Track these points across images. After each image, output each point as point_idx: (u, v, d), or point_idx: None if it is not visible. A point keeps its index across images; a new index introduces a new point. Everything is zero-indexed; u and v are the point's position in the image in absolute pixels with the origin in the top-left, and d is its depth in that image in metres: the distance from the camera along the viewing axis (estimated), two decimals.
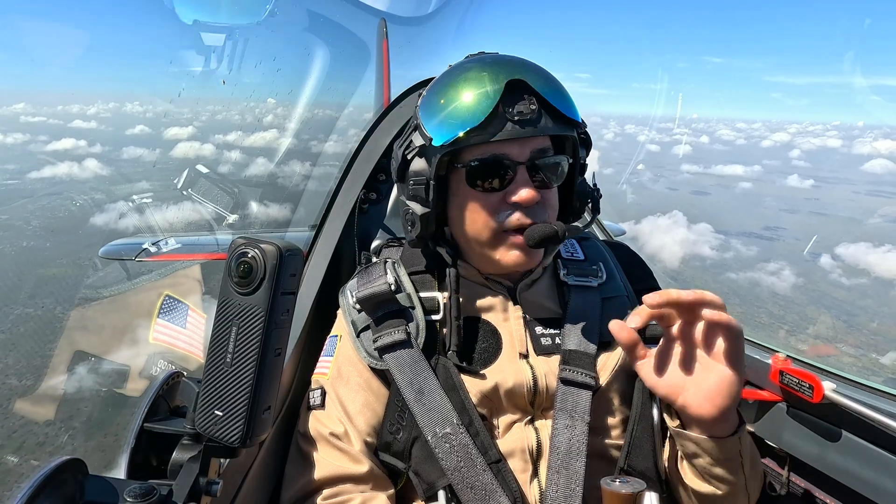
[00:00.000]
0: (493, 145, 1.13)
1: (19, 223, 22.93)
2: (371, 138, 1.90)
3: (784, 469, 1.39)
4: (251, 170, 9.27)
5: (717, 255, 40.42)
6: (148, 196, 4.96)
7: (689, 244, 41.13)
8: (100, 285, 4.87)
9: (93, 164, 46.76)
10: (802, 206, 75.44)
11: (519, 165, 1.14)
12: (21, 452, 8.27)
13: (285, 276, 0.82)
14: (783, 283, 33.44)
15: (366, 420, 1.22)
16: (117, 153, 45.86)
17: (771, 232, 52.75)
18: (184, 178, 3.82)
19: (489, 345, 1.23)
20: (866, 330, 27.22)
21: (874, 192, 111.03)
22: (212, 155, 12.21)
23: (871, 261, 40.07)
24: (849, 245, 41.96)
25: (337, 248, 1.70)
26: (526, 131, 1.11)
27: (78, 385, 6.60)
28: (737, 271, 36.78)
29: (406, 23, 3.31)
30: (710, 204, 69.76)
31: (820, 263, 39.49)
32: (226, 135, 17.07)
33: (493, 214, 1.17)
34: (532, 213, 1.15)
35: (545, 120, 1.12)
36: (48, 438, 8.38)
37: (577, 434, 1.13)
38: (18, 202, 29.34)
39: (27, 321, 13.43)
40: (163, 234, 3.34)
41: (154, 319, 1.64)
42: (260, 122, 11.91)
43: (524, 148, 1.15)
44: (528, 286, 1.29)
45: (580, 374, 1.17)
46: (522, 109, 1.11)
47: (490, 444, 1.14)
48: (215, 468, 0.94)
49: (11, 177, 44.81)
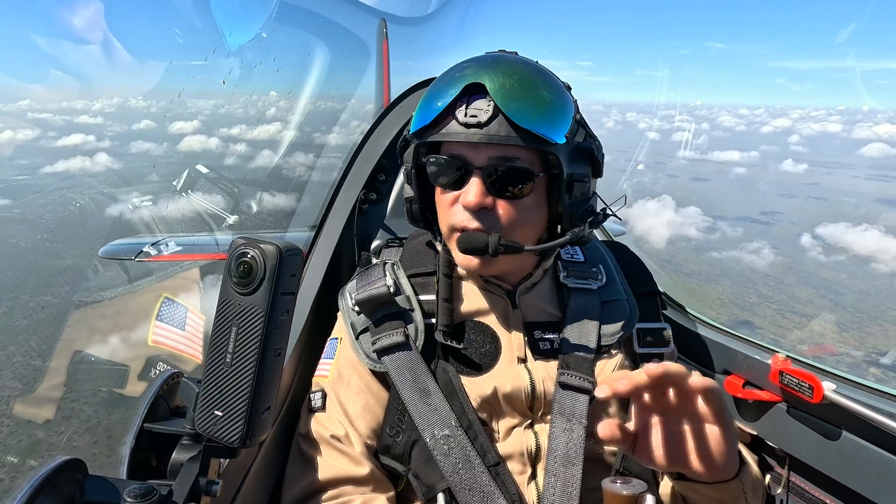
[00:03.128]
0: (454, 146, 1.15)
1: (33, 217, 23.27)
2: (371, 138, 1.90)
3: (784, 469, 1.39)
4: (256, 162, 9.36)
5: (702, 237, 41.04)
6: (148, 199, 4.99)
7: (675, 226, 41.80)
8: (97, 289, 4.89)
9: (103, 159, 47.15)
10: (800, 191, 75.69)
11: (475, 169, 1.14)
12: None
13: (285, 276, 0.82)
14: (762, 261, 34.29)
15: (366, 423, 1.22)
16: (126, 147, 46.25)
17: (767, 217, 53.03)
18: (183, 179, 3.83)
19: (488, 349, 1.22)
20: (852, 308, 27.75)
21: (873, 177, 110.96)
22: (217, 148, 12.29)
23: (850, 239, 41.12)
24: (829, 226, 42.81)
25: (337, 248, 1.70)
26: (470, 133, 1.10)
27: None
28: (720, 251, 37.47)
29: (406, 23, 3.31)
30: (702, 188, 70.03)
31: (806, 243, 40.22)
32: (230, 128, 17.33)
33: (448, 210, 1.19)
34: (479, 218, 1.14)
35: (500, 127, 1.09)
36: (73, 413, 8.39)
37: (575, 438, 1.13)
38: (31, 196, 29.65)
39: (46, 308, 13.58)
40: (163, 234, 3.34)
41: (153, 321, 1.64)
42: (263, 114, 11.97)
43: (480, 153, 1.13)
44: (527, 289, 1.29)
45: (578, 378, 1.17)
46: (475, 113, 1.10)
47: (489, 447, 1.14)
48: (215, 468, 0.94)
49: (25, 172, 45.11)
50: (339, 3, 3.47)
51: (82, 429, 8.45)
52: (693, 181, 76.32)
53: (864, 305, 29.75)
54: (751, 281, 31.26)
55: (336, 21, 3.51)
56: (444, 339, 1.19)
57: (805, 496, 1.35)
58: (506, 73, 1.13)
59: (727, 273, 31.98)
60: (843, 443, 1.23)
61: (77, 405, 8.95)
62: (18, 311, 11.05)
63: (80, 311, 6.46)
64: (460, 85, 1.11)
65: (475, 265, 1.18)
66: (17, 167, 48.73)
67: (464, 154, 1.14)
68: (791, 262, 35.96)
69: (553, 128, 1.12)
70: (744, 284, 30.74)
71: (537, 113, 1.11)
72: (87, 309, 5.85)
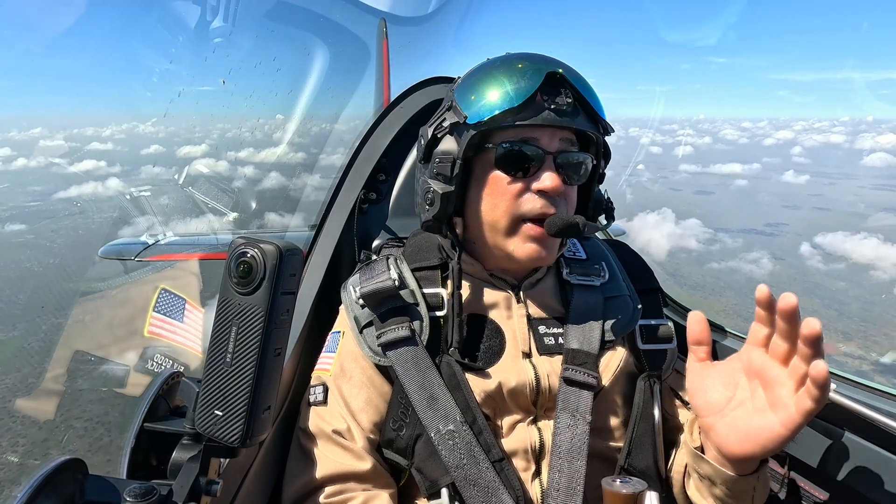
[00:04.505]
0: (525, 129, 1.16)
1: (45, 242, 23.63)
2: (371, 138, 1.90)
3: (784, 469, 1.39)
4: (265, 184, 9.49)
5: (703, 248, 41.37)
6: (146, 189, 4.98)
7: (675, 237, 42.17)
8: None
9: (115, 183, 47.80)
10: (803, 203, 75.96)
11: (548, 154, 1.16)
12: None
13: (285, 275, 0.82)
14: (761, 271, 34.54)
15: (368, 417, 1.22)
16: (136, 172, 46.80)
17: (772, 228, 53.37)
18: (184, 176, 3.82)
19: (493, 343, 1.22)
20: (856, 317, 27.82)
21: (878, 187, 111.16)
22: (225, 171, 12.62)
23: (848, 248, 41.51)
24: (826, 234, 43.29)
25: (337, 248, 1.70)
26: (562, 121, 1.14)
27: None
28: (719, 261, 37.75)
29: (406, 23, 3.31)
30: (702, 201, 70.34)
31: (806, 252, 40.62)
32: (238, 151, 17.66)
33: (515, 200, 1.17)
34: (555, 203, 1.17)
35: (580, 115, 1.16)
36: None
37: (579, 433, 1.13)
38: (44, 222, 30.13)
39: (59, 330, 13.62)
40: (163, 233, 3.34)
41: (150, 313, 1.63)
42: (261, 125, 11.96)
43: (554, 139, 1.17)
44: (532, 285, 1.29)
45: (582, 373, 1.17)
46: (560, 101, 1.14)
47: (493, 443, 1.14)
48: (215, 468, 0.94)
49: (38, 198, 45.76)
50: (339, 3, 3.47)
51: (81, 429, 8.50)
52: (697, 195, 76.86)
53: (869, 314, 29.74)
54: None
55: (336, 21, 3.51)
56: (459, 357, 1.19)
57: (805, 496, 1.34)
58: (567, 66, 1.18)
59: (731, 285, 32.16)
60: (843, 442, 1.23)
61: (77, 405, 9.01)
62: (32, 333, 11.19)
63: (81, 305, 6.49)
64: (541, 74, 1.13)
65: (538, 253, 1.19)
66: (30, 193, 49.42)
67: (538, 138, 1.16)
68: (795, 272, 36.21)
69: (604, 115, 1.20)
70: (747, 295, 30.95)
71: (599, 102, 1.19)
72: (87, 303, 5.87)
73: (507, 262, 1.24)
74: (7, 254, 21.99)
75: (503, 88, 1.15)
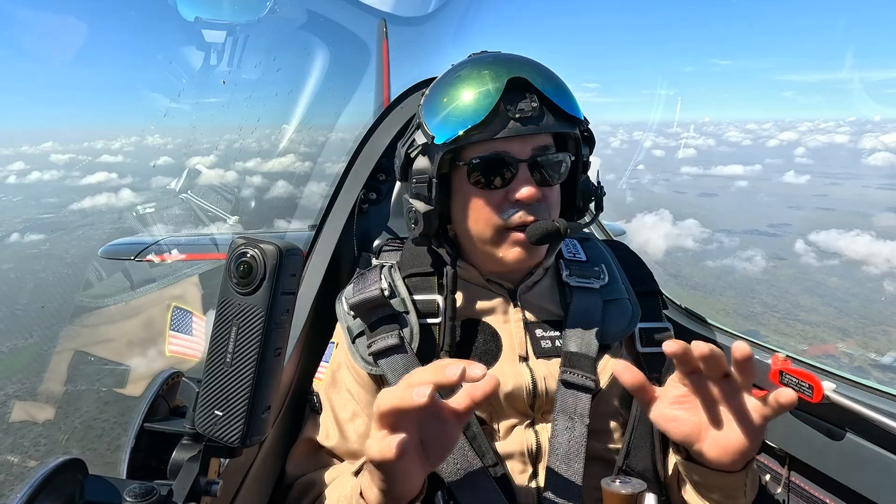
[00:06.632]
0: (494, 143, 1.13)
1: (59, 252, 23.94)
2: (371, 138, 1.90)
3: (784, 469, 1.39)
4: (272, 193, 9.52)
5: (699, 247, 41.63)
6: (150, 206, 5.00)
7: (672, 237, 42.43)
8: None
9: (127, 194, 48.26)
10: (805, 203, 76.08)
11: (521, 163, 1.14)
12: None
13: (285, 276, 0.82)
14: (754, 268, 34.67)
15: (355, 428, 1.24)
16: (147, 183, 47.25)
17: (775, 229, 53.63)
18: (182, 181, 3.82)
19: (489, 347, 1.22)
20: (856, 314, 27.83)
21: (884, 186, 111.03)
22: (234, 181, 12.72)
23: (841, 245, 41.77)
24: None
25: (337, 248, 1.70)
26: (528, 129, 1.11)
27: None
28: (715, 259, 37.96)
29: (406, 23, 3.31)
30: (702, 202, 70.50)
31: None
32: (245, 161, 17.77)
33: (495, 212, 1.16)
34: (534, 210, 1.15)
35: (547, 117, 1.13)
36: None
37: (577, 436, 1.13)
38: (58, 233, 30.53)
39: (75, 337, 13.77)
40: (163, 234, 3.34)
41: (167, 332, 1.64)
42: (276, 147, 12.02)
43: (525, 145, 1.14)
44: (528, 288, 1.29)
45: (580, 376, 1.17)
46: (524, 107, 1.11)
47: (487, 448, 1.13)
48: (215, 468, 0.95)
49: (52, 210, 46.29)
50: (339, 3, 3.47)
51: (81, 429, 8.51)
52: (700, 197, 77.03)
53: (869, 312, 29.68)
54: (783, 293, 31.01)
55: (336, 21, 3.50)
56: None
57: (805, 496, 1.34)
58: (531, 65, 1.16)
59: (732, 285, 32.23)
60: (843, 443, 1.23)
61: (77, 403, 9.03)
62: (49, 341, 11.34)
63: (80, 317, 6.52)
64: (502, 81, 1.11)
65: (526, 257, 1.18)
66: (44, 206, 49.97)
67: (508, 150, 1.14)
68: (795, 271, 36.42)
69: (578, 109, 1.18)
70: (748, 295, 30.94)
71: (572, 97, 1.17)
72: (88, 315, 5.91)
73: (500, 267, 1.24)
74: (24, 264, 22.40)
75: (465, 103, 1.13)
